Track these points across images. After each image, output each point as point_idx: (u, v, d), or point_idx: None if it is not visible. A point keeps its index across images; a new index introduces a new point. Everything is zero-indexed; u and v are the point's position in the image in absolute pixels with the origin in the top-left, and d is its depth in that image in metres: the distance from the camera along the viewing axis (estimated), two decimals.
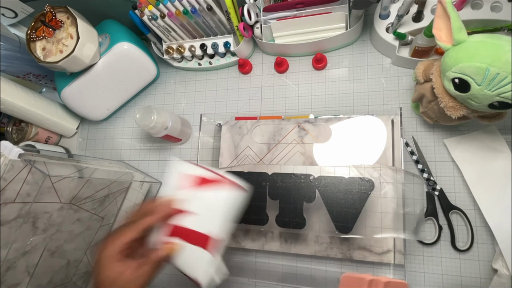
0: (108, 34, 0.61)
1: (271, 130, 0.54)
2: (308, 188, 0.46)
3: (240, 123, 0.56)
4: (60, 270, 0.50)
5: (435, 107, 0.44)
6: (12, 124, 0.67)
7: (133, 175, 0.60)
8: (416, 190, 0.43)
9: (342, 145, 0.50)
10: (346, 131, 0.50)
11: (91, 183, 0.50)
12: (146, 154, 0.66)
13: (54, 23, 0.54)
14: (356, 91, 0.57)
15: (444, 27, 0.38)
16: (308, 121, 0.53)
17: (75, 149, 0.71)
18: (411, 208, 0.43)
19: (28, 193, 0.42)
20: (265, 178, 0.48)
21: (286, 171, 0.48)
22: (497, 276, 0.44)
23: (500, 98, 0.34)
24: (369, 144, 0.48)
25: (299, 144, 0.52)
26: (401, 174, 0.44)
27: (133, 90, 0.66)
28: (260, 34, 0.59)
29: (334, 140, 0.50)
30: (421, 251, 0.49)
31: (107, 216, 0.56)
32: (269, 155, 0.53)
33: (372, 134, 0.49)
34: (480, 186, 0.47)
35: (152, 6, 0.56)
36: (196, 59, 0.66)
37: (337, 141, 0.50)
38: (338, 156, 0.50)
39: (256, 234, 0.52)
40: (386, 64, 0.56)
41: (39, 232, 0.45)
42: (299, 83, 0.60)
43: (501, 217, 0.45)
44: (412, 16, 0.50)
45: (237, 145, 0.56)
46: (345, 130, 0.50)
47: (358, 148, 0.49)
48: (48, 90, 0.75)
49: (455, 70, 0.36)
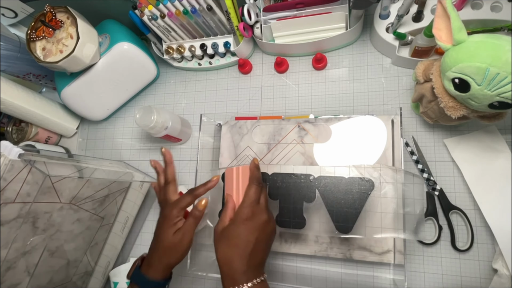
0: (108, 34, 0.61)
1: (271, 130, 0.54)
2: (308, 188, 0.46)
3: (240, 123, 0.56)
4: (60, 270, 0.50)
5: (435, 107, 0.44)
6: (12, 124, 0.67)
7: (133, 175, 0.60)
8: (416, 190, 0.43)
9: (342, 145, 0.50)
10: (346, 131, 0.50)
11: (91, 183, 0.50)
12: (146, 154, 0.66)
13: (54, 23, 0.54)
14: (356, 91, 0.57)
15: (444, 27, 0.38)
16: (308, 121, 0.53)
17: (75, 149, 0.71)
18: (411, 208, 0.43)
19: (28, 193, 0.42)
20: (265, 178, 0.48)
21: (286, 171, 0.48)
22: (497, 276, 0.44)
23: (500, 98, 0.34)
24: (369, 144, 0.48)
25: (299, 144, 0.52)
26: (401, 174, 0.44)
27: (133, 90, 0.66)
28: (260, 34, 0.59)
29: (334, 140, 0.50)
30: (421, 251, 0.49)
31: (107, 216, 0.56)
32: (269, 155, 0.53)
33: (372, 134, 0.49)
34: (480, 186, 0.47)
35: (152, 6, 0.56)
36: (196, 59, 0.66)
37: (337, 141, 0.50)
38: (338, 156, 0.50)
39: None
40: (386, 64, 0.56)
41: (39, 232, 0.45)
42: (299, 83, 0.60)
43: (501, 217, 0.45)
44: (412, 16, 0.50)
45: (237, 145, 0.56)
46: (345, 130, 0.50)
47: (358, 148, 0.49)
48: (48, 90, 0.75)
49: (455, 70, 0.36)
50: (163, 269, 0.43)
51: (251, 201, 0.41)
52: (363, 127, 0.49)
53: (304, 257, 0.53)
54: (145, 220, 0.63)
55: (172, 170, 0.50)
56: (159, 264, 0.43)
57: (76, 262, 0.53)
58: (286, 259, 0.54)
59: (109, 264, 0.60)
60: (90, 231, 0.53)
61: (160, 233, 0.44)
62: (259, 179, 0.43)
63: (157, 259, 0.43)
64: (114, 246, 0.59)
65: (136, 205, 0.61)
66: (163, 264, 0.43)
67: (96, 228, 0.54)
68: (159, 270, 0.43)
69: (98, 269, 0.58)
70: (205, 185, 0.46)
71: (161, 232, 0.43)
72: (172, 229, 0.43)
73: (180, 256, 0.43)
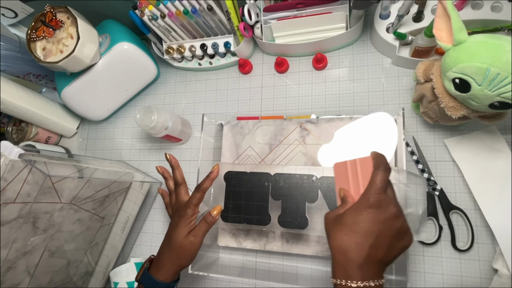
0: (108, 34, 0.61)
1: (272, 130, 0.54)
2: (310, 188, 0.46)
3: (241, 123, 0.56)
4: (60, 270, 0.50)
5: (436, 107, 0.44)
6: (12, 124, 0.67)
7: (133, 175, 0.60)
8: (418, 191, 0.43)
9: (344, 146, 0.50)
10: (348, 132, 0.50)
11: (91, 183, 0.50)
12: (146, 154, 0.66)
13: (54, 23, 0.54)
14: (356, 91, 0.57)
15: (445, 27, 0.38)
16: (310, 121, 0.53)
17: (75, 149, 0.71)
18: (413, 208, 0.43)
19: (28, 193, 0.42)
20: (267, 178, 0.48)
21: (289, 171, 0.48)
22: (498, 276, 0.44)
23: (501, 98, 0.34)
24: (372, 144, 0.48)
25: (301, 144, 0.52)
26: (404, 174, 0.44)
27: (133, 90, 0.66)
28: (260, 34, 0.59)
29: (336, 141, 0.50)
30: (422, 251, 0.49)
31: (107, 216, 0.56)
32: (271, 155, 0.53)
33: (374, 135, 0.49)
34: (480, 186, 0.47)
35: (152, 6, 0.56)
36: (197, 59, 0.66)
37: (339, 141, 0.50)
38: (340, 157, 0.49)
39: (258, 234, 0.52)
40: (386, 64, 0.56)
41: (39, 232, 0.45)
42: (300, 83, 0.60)
43: (501, 217, 0.45)
44: (413, 16, 0.50)
45: (238, 145, 0.55)
46: (347, 131, 0.50)
47: (360, 149, 0.49)
48: (48, 90, 0.75)
49: (455, 70, 0.36)
50: (173, 271, 0.43)
51: (378, 187, 0.34)
52: (365, 127, 0.49)
53: (305, 257, 0.53)
54: (145, 220, 0.63)
55: (181, 172, 0.50)
56: (169, 266, 0.43)
57: (76, 262, 0.53)
58: (286, 259, 0.54)
59: (109, 264, 0.59)
60: (90, 231, 0.53)
61: (173, 234, 0.44)
62: (386, 164, 0.36)
63: (168, 261, 0.43)
64: (114, 246, 0.59)
65: (136, 205, 0.61)
66: (173, 266, 0.43)
67: (96, 228, 0.54)
68: (169, 272, 0.43)
69: (98, 269, 0.58)
70: (208, 177, 0.46)
71: (174, 233, 0.44)
72: (186, 228, 0.44)
73: (190, 259, 0.44)
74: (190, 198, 0.45)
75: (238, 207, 0.49)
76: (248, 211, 0.48)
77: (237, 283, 0.55)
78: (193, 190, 0.46)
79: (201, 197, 0.45)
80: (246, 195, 0.49)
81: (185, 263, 0.44)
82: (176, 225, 0.44)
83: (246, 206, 0.48)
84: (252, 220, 0.48)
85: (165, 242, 0.45)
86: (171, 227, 0.46)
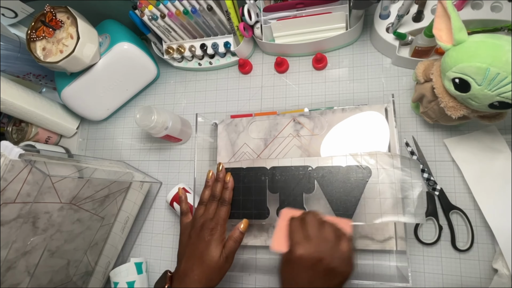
0: (108, 34, 0.61)
1: (267, 126, 0.55)
2: (306, 179, 0.46)
3: (235, 121, 0.56)
4: (60, 270, 0.50)
5: (435, 107, 0.44)
6: (12, 124, 0.67)
7: (133, 175, 0.60)
8: (413, 174, 0.43)
9: (337, 136, 0.50)
10: (341, 122, 0.51)
11: (91, 183, 0.50)
12: (146, 154, 0.66)
13: (54, 23, 0.54)
14: (356, 91, 0.57)
15: (445, 27, 0.38)
16: (303, 115, 0.53)
17: (75, 149, 0.71)
18: (409, 191, 0.43)
19: (28, 193, 0.42)
20: (264, 172, 0.49)
21: (284, 164, 0.48)
22: (497, 276, 0.44)
23: (501, 98, 0.34)
24: (365, 133, 0.49)
25: (296, 137, 0.52)
26: (398, 159, 0.44)
27: (133, 90, 0.66)
28: (260, 34, 0.59)
29: (330, 132, 0.51)
30: (421, 251, 0.49)
31: (107, 216, 0.56)
32: (266, 150, 0.54)
33: (367, 124, 0.49)
34: (480, 186, 0.47)
35: (152, 6, 0.56)
36: (196, 59, 0.66)
37: (333, 132, 0.51)
38: (334, 147, 0.50)
39: (258, 230, 0.53)
40: (386, 64, 0.56)
41: (39, 232, 0.45)
42: (299, 83, 0.60)
43: (501, 217, 0.45)
44: (412, 16, 0.50)
45: (234, 142, 0.56)
46: (339, 122, 0.51)
47: (353, 138, 0.49)
48: (48, 90, 0.75)
49: (455, 70, 0.36)
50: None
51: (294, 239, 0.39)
52: (357, 117, 0.50)
53: None
54: (145, 220, 0.63)
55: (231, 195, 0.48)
56: (198, 285, 0.41)
57: (76, 262, 0.53)
58: None
59: (109, 264, 0.59)
60: (90, 231, 0.53)
61: (207, 255, 0.42)
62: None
63: (197, 282, 0.41)
64: (114, 246, 0.59)
65: (136, 205, 0.61)
66: (201, 286, 0.41)
67: (96, 228, 0.54)
68: None
69: (98, 269, 0.58)
70: (227, 188, 0.47)
71: (208, 253, 0.42)
72: (220, 247, 0.42)
73: (220, 279, 0.42)
74: (221, 214, 0.45)
75: (236, 203, 0.49)
76: (247, 206, 0.48)
77: (238, 279, 0.55)
78: (219, 204, 0.46)
79: (228, 211, 0.46)
80: (244, 190, 0.49)
81: (215, 284, 0.42)
82: (209, 244, 0.42)
83: (244, 202, 0.48)
84: (251, 215, 0.48)
85: (193, 261, 0.42)
86: (202, 246, 0.43)
